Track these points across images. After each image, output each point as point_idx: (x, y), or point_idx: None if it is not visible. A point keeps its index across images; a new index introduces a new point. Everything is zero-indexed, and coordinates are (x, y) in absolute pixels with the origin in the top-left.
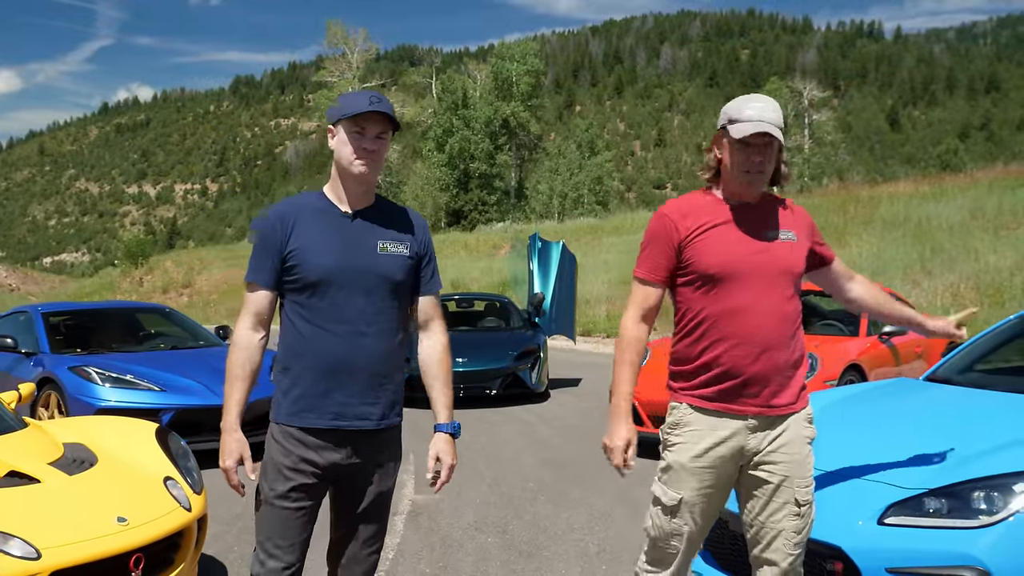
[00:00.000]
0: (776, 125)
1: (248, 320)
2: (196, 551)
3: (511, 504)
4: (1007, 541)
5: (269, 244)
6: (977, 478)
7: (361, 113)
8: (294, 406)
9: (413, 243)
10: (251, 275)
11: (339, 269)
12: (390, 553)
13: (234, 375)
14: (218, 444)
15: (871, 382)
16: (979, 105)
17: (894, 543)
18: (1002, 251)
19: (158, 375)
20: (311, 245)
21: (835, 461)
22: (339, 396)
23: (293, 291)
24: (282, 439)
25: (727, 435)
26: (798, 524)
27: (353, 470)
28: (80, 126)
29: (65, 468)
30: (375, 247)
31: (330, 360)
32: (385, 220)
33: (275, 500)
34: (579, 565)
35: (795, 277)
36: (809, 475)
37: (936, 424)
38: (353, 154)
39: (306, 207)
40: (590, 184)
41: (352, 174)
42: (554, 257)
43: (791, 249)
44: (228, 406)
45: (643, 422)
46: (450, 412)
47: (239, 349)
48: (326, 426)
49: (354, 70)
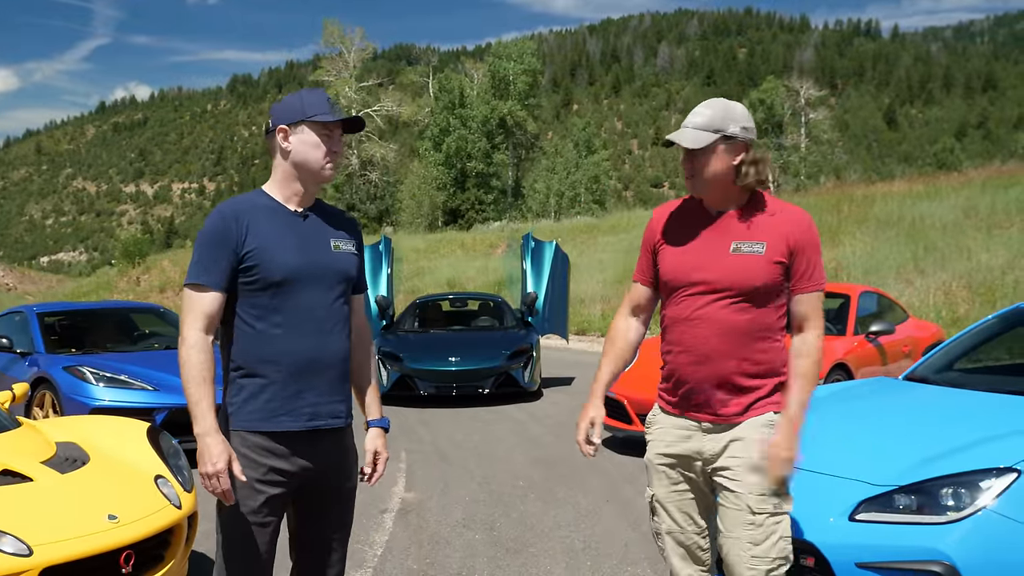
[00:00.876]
0: (695, 132)
1: (199, 323)
2: (186, 548)
3: (500, 502)
4: (974, 536)
5: (223, 243)
6: (946, 475)
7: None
8: (263, 411)
9: (356, 242)
10: (200, 276)
11: (301, 267)
12: (378, 550)
13: (201, 378)
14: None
15: (851, 381)
16: (976, 104)
17: (864, 539)
18: (994, 250)
19: (152, 375)
20: (269, 244)
21: (810, 458)
22: (310, 396)
23: (251, 291)
24: (247, 450)
25: (686, 435)
26: (753, 534)
27: (319, 473)
28: (77, 125)
29: (57, 467)
30: (329, 245)
31: (300, 360)
32: (331, 219)
33: (247, 516)
34: (564, 561)
35: (752, 290)
36: (766, 484)
37: (910, 423)
38: (325, 157)
39: (257, 206)
40: (587, 183)
41: (322, 176)
42: (547, 256)
43: (752, 261)
44: (202, 410)
45: (631, 420)
46: (380, 408)
47: (198, 351)
48: (301, 428)
49: (351, 69)
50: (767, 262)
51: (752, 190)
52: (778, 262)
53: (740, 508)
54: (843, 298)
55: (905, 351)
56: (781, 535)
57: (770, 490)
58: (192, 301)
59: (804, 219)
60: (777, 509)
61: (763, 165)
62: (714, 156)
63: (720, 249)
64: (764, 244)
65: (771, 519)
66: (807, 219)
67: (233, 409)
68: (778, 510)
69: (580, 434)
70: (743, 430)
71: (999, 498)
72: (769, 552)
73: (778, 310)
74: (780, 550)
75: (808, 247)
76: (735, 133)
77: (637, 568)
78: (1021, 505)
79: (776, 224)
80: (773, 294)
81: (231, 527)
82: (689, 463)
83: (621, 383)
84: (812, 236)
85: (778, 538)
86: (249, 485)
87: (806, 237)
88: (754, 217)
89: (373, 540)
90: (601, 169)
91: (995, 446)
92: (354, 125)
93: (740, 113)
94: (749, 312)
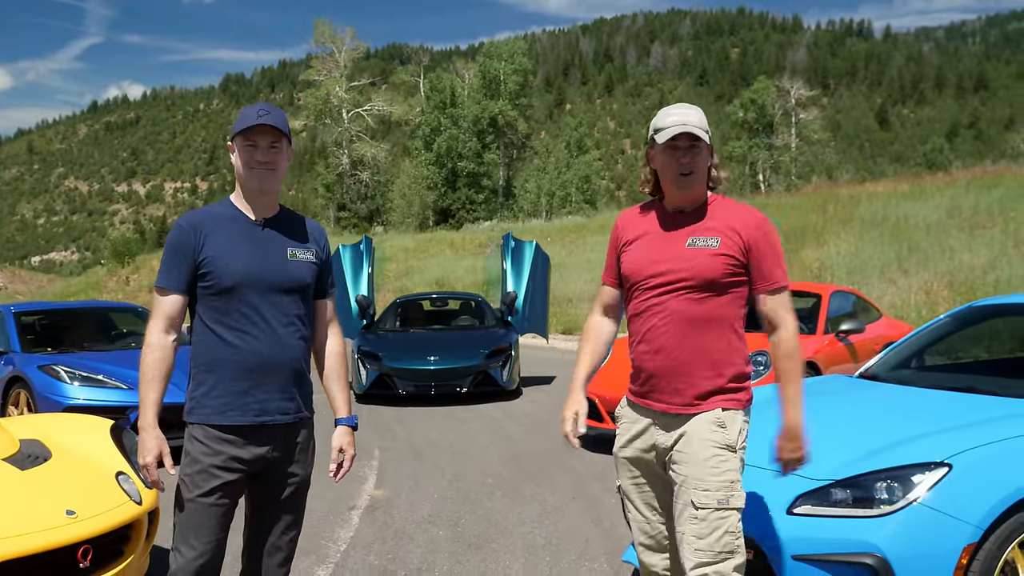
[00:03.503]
0: (700, 128)
1: (161, 323)
2: (147, 543)
3: (467, 499)
4: (904, 529)
5: (182, 251)
6: (880, 469)
7: (250, 127)
8: (216, 406)
9: (317, 249)
10: (163, 281)
11: (251, 274)
12: (342, 545)
13: (151, 376)
14: (182, 441)
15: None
16: (968, 104)
17: (801, 532)
18: (976, 250)
19: (128, 373)
20: (223, 252)
21: (755, 453)
22: (259, 394)
23: (208, 296)
24: (205, 439)
25: (642, 429)
26: (697, 528)
27: (273, 462)
28: (69, 124)
29: (18, 463)
30: (285, 253)
31: (251, 360)
32: (291, 229)
33: (199, 498)
34: (523, 557)
35: (705, 282)
36: (710, 478)
37: (853, 419)
38: (246, 166)
39: (218, 216)
40: (578, 183)
41: (250, 185)
42: (527, 256)
43: (705, 254)
44: (146, 406)
45: (603, 418)
46: (349, 407)
47: (154, 350)
48: (249, 422)
49: (342, 69)
50: (719, 255)
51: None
52: (731, 256)
53: (685, 502)
54: (815, 298)
55: (876, 350)
56: (727, 530)
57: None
58: (156, 303)
59: (757, 218)
60: (722, 504)
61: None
62: (704, 156)
63: (677, 243)
64: (718, 239)
65: (715, 514)
66: (760, 218)
67: (192, 404)
68: (723, 505)
69: (567, 425)
70: (692, 425)
71: (930, 491)
72: (713, 546)
73: (732, 304)
74: (724, 544)
75: (762, 245)
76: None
77: (595, 564)
78: (951, 498)
79: (730, 221)
80: (727, 288)
81: (187, 507)
82: (648, 455)
83: (593, 382)
84: (765, 235)
85: (723, 532)
86: (206, 469)
87: (759, 234)
88: (710, 215)
89: (338, 536)
90: (592, 169)
91: (929, 441)
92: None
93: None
94: (703, 304)
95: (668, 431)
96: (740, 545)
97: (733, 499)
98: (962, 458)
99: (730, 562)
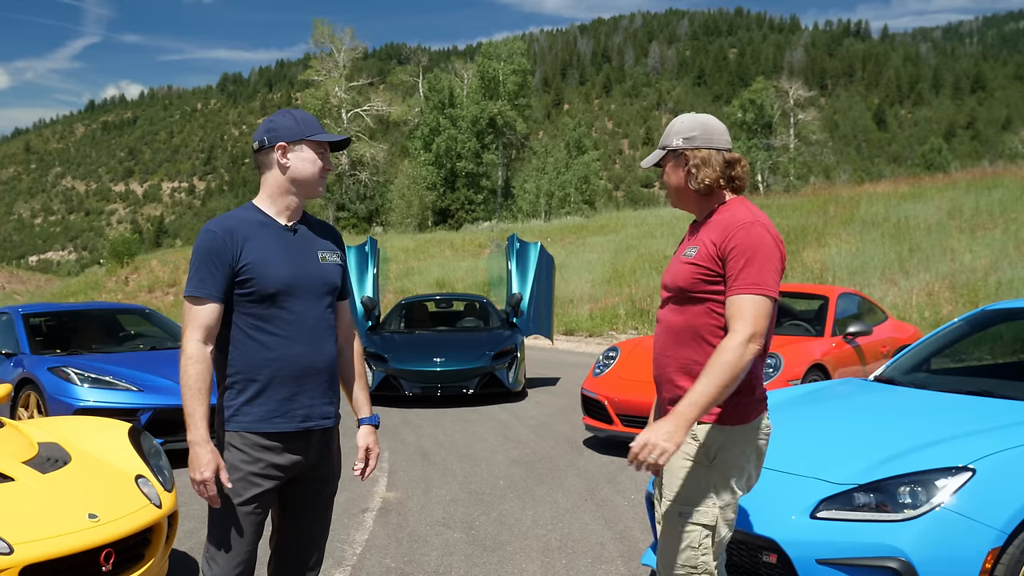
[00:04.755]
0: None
1: (199, 333)
2: (167, 547)
3: (480, 501)
4: (929, 533)
5: (219, 258)
6: (903, 474)
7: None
8: (260, 413)
9: (340, 252)
10: (198, 289)
11: (293, 280)
12: (358, 548)
13: (196, 388)
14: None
15: (822, 381)
16: (965, 104)
17: (824, 536)
18: (978, 251)
19: (136, 375)
20: (263, 259)
21: (775, 457)
22: (303, 399)
23: (247, 303)
24: (245, 447)
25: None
26: (666, 539)
27: (307, 467)
28: (67, 124)
29: (39, 467)
30: (317, 256)
31: (293, 366)
32: (317, 231)
33: (240, 507)
34: (540, 559)
35: (679, 291)
36: (675, 489)
37: (873, 423)
38: (319, 174)
39: (249, 222)
40: (576, 183)
41: (316, 192)
42: (532, 258)
43: (683, 265)
44: (195, 420)
45: (612, 421)
46: (371, 406)
47: (196, 362)
48: (295, 428)
49: (340, 69)
50: (691, 264)
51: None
52: (702, 265)
53: (663, 512)
54: (821, 300)
55: (883, 352)
56: (689, 544)
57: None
58: (191, 313)
59: (736, 223)
60: (685, 518)
61: (708, 168)
62: (668, 170)
63: (679, 255)
64: (697, 248)
65: (679, 528)
66: (741, 223)
67: (231, 411)
68: (687, 519)
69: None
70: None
71: (954, 496)
72: (675, 558)
73: (709, 314)
74: (687, 558)
75: (736, 251)
76: (677, 145)
77: (611, 566)
78: (975, 503)
79: (710, 229)
80: (700, 297)
81: (223, 516)
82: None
83: (602, 384)
84: (742, 240)
85: (684, 546)
86: (245, 478)
87: (734, 240)
88: (707, 224)
89: (353, 539)
90: (591, 169)
91: (951, 446)
92: (343, 145)
93: (684, 125)
94: (683, 314)
95: None
96: (706, 562)
97: (698, 514)
98: (985, 462)
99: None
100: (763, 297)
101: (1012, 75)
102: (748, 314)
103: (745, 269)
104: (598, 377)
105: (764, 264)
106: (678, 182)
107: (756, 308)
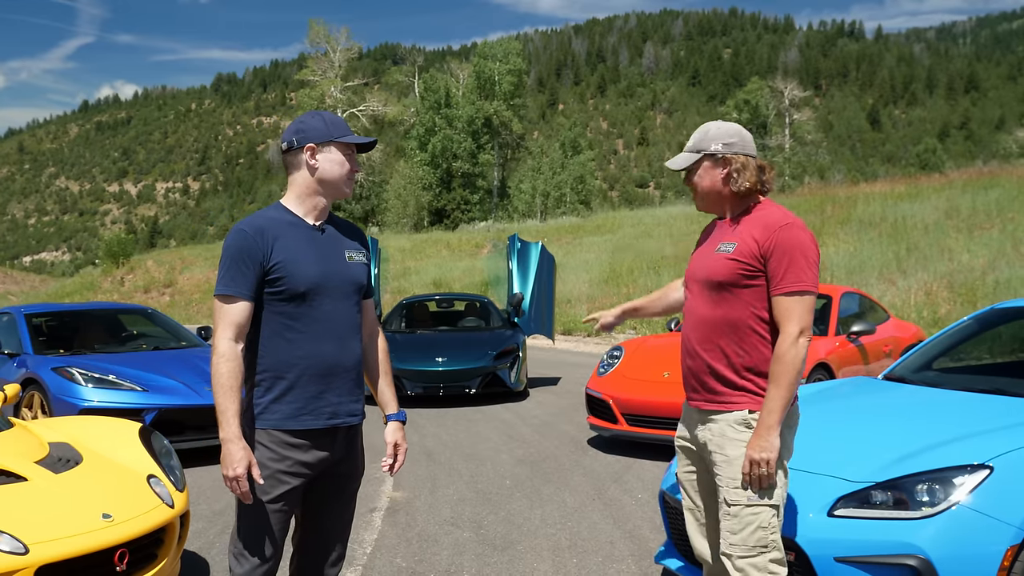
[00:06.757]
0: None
1: (230, 331)
2: (179, 547)
3: (487, 500)
4: (947, 531)
5: (250, 257)
6: (921, 472)
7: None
8: (288, 411)
9: (365, 252)
10: (229, 288)
11: (323, 279)
12: (368, 548)
13: (228, 386)
14: (200, 443)
15: (833, 380)
16: (958, 104)
17: (842, 534)
18: (975, 251)
19: (140, 375)
20: (294, 258)
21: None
22: (331, 397)
23: (277, 302)
24: (273, 445)
25: (689, 422)
26: (730, 524)
27: (332, 464)
28: (60, 124)
29: (51, 466)
30: (344, 256)
31: (322, 364)
32: (343, 231)
33: (267, 504)
34: (550, 559)
35: (718, 286)
36: (739, 476)
37: (887, 421)
38: (346, 175)
39: (279, 222)
40: (572, 183)
41: (343, 192)
42: (533, 257)
43: (721, 259)
44: (227, 418)
45: (617, 420)
46: (397, 403)
47: (227, 360)
48: (323, 426)
49: (336, 69)
50: (732, 260)
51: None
52: (743, 261)
53: (721, 500)
54: (825, 299)
55: (886, 351)
56: (759, 525)
57: (745, 484)
58: (222, 312)
59: (778, 222)
60: (752, 501)
61: (748, 171)
62: (702, 172)
63: (710, 250)
64: (735, 244)
65: (747, 510)
66: (782, 222)
67: (260, 409)
68: (753, 502)
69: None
70: (719, 423)
71: (972, 494)
72: (747, 540)
73: (750, 308)
74: (758, 539)
75: (779, 250)
76: (717, 150)
77: (622, 565)
78: (993, 500)
79: (750, 226)
80: (740, 291)
81: (251, 513)
82: (693, 446)
83: (607, 383)
84: (785, 239)
85: (755, 528)
86: (273, 475)
87: (777, 239)
88: (742, 221)
89: (363, 539)
90: (586, 169)
91: (968, 443)
92: (370, 146)
93: (721, 131)
94: (720, 308)
95: (703, 427)
96: (775, 540)
97: (766, 496)
98: (1003, 460)
99: (764, 555)
100: (806, 295)
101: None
102: (794, 314)
103: (788, 269)
104: (602, 376)
105: (804, 262)
106: (712, 184)
107: (801, 306)
